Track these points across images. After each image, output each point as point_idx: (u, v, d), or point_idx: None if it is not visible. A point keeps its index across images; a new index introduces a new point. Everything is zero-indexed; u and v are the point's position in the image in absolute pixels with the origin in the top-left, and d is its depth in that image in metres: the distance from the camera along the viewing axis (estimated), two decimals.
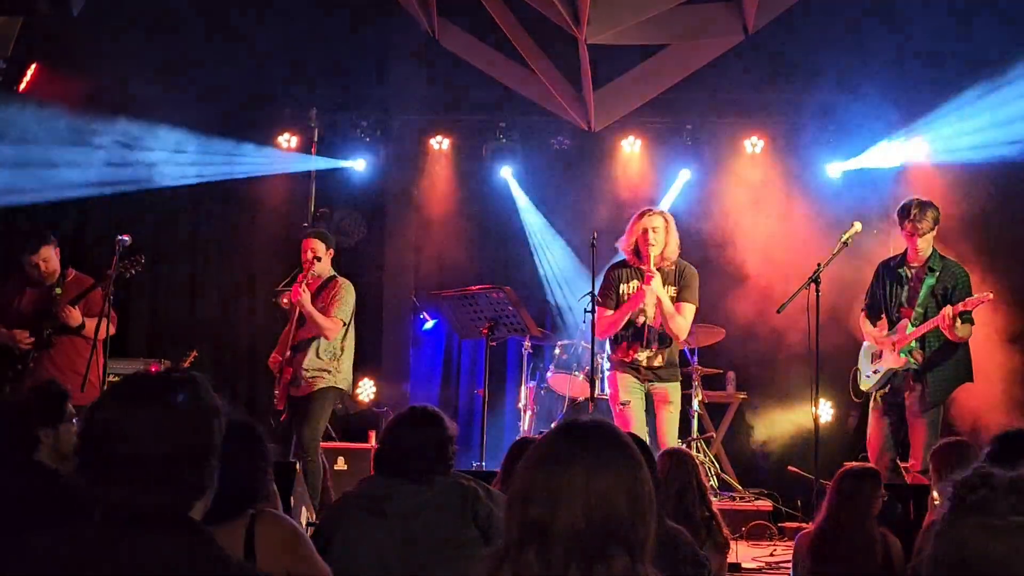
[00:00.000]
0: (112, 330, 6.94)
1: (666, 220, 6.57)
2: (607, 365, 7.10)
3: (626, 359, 6.53)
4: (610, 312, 6.58)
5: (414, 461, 3.59)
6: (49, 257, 7.02)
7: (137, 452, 1.93)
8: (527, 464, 1.97)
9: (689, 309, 6.56)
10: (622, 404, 6.51)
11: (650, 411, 6.54)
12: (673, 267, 6.62)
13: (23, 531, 2.09)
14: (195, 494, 2.00)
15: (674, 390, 6.57)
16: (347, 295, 7.03)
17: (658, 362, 6.52)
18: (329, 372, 6.97)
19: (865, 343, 6.80)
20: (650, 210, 6.63)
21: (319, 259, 6.99)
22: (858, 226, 6.71)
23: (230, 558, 2.00)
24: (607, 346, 6.96)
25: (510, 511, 1.94)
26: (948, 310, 6.19)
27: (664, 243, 6.50)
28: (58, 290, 7.01)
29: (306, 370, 6.92)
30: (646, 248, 6.44)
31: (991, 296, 6.31)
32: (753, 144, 9.67)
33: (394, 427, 3.71)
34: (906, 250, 6.65)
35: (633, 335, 6.51)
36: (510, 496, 1.96)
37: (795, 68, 9.09)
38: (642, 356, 6.49)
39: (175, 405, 1.99)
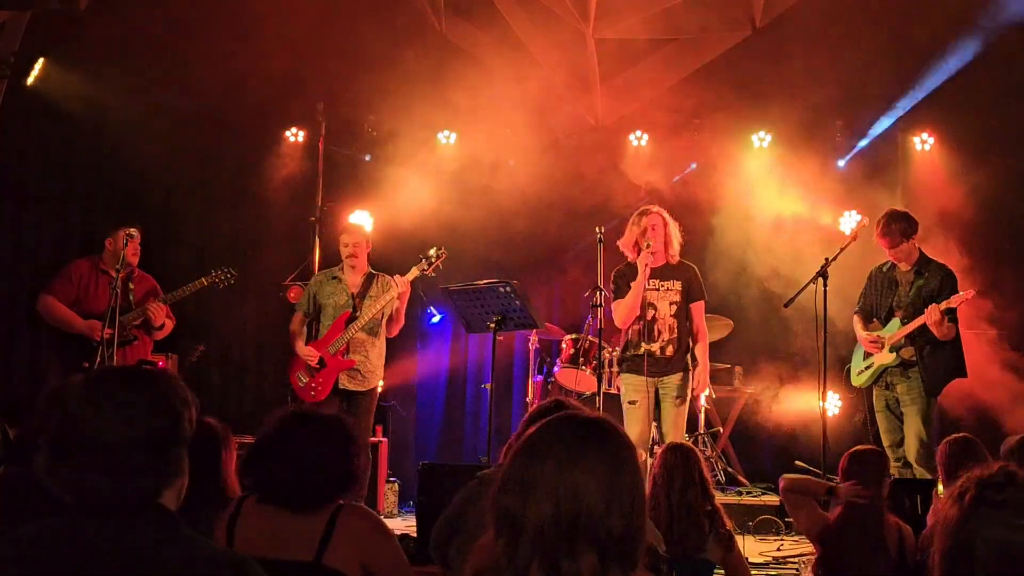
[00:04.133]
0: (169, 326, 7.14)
1: (664, 218, 6.73)
2: (615, 360, 7.21)
3: (637, 353, 6.57)
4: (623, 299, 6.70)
5: None
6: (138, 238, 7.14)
7: (106, 442, 1.97)
8: (511, 453, 1.95)
9: (700, 309, 6.78)
10: (630, 403, 6.59)
11: (659, 406, 6.59)
12: (678, 264, 6.77)
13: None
14: (164, 482, 2.03)
15: (680, 383, 6.60)
16: None
17: (669, 352, 6.59)
18: (379, 369, 7.19)
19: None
20: (648, 210, 6.78)
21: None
22: (865, 220, 6.75)
23: (202, 541, 2.02)
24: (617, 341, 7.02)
25: (490, 500, 1.91)
26: (934, 309, 6.36)
27: (665, 238, 6.66)
28: (131, 284, 7.09)
29: (364, 367, 7.06)
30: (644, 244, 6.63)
31: (972, 293, 6.54)
32: (760, 139, 9.66)
33: (538, 420, 3.71)
34: None
35: (643, 328, 6.58)
36: (494, 485, 1.94)
37: (802, 62, 9.07)
38: (655, 347, 6.57)
39: (144, 396, 2.02)
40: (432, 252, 7.16)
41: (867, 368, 6.80)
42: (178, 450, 2.06)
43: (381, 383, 7.33)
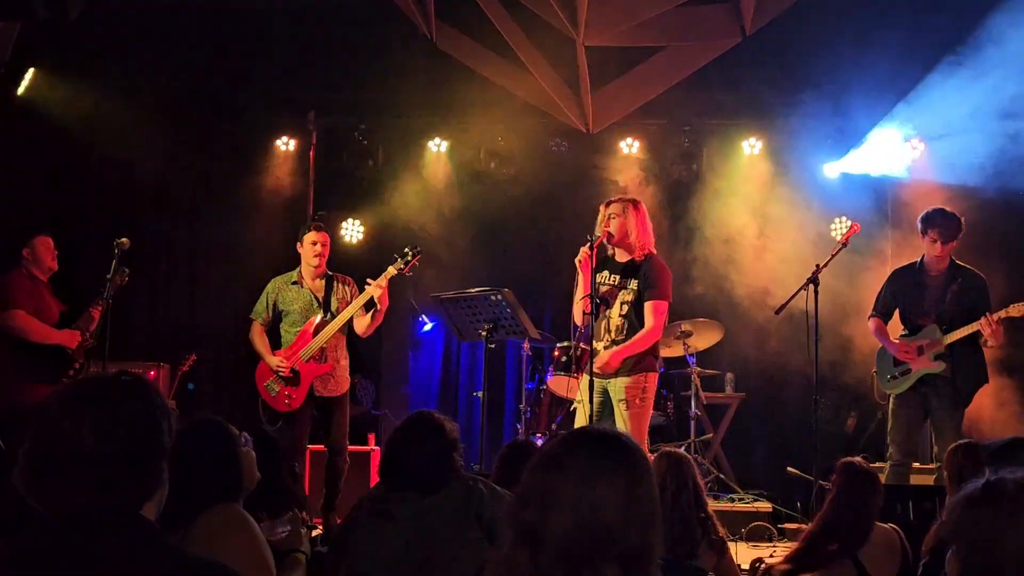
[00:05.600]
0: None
1: (625, 207, 6.30)
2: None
3: (581, 351, 6.42)
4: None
5: (415, 473, 3.63)
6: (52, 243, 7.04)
7: (85, 453, 1.94)
8: (529, 466, 1.97)
9: (651, 307, 6.20)
10: (578, 401, 6.36)
11: (609, 409, 6.26)
12: (642, 259, 6.32)
13: None
14: (145, 495, 2.02)
15: (621, 386, 6.15)
16: None
17: None
18: (347, 371, 7.17)
19: (883, 346, 6.77)
20: (610, 200, 6.40)
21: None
22: (856, 227, 6.73)
23: (183, 552, 2.02)
24: None
25: (508, 513, 1.95)
26: (991, 318, 6.20)
27: (623, 229, 6.25)
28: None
29: (337, 371, 7.06)
30: (605, 235, 6.25)
31: None
32: (751, 145, 9.67)
33: (393, 440, 3.74)
34: (922, 258, 6.64)
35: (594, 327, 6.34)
36: (512, 498, 1.97)
37: (793, 69, 9.10)
38: (599, 346, 6.26)
39: (122, 407, 2.00)
40: (408, 251, 7.06)
41: (903, 375, 6.55)
42: (158, 461, 2.05)
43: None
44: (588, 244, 6.15)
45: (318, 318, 7.03)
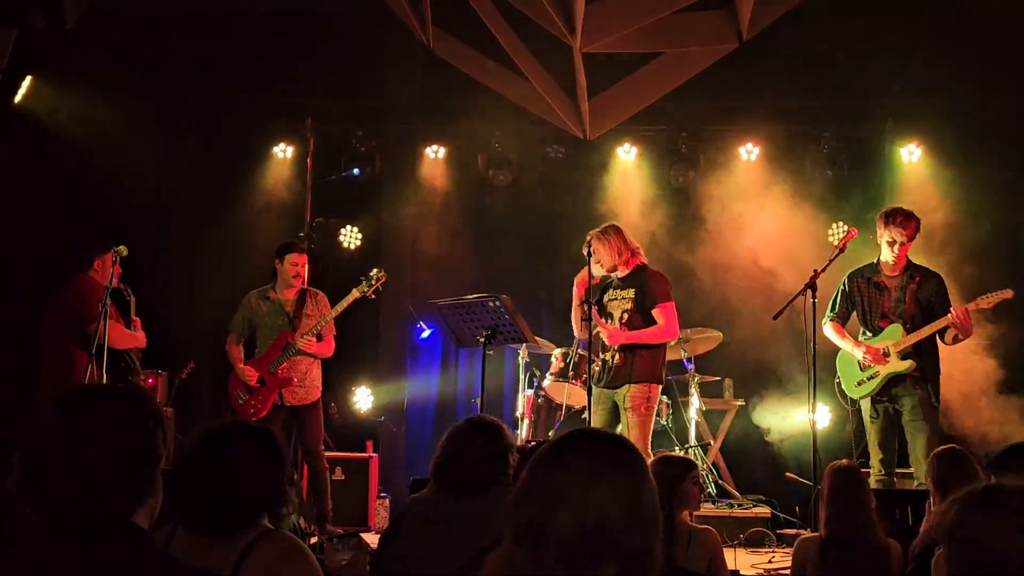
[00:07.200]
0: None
1: (601, 237, 6.60)
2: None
3: (594, 364, 6.59)
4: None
5: (468, 474, 3.62)
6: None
7: (79, 460, 1.95)
8: (531, 463, 1.96)
9: (660, 310, 6.52)
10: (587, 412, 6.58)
11: (616, 417, 6.55)
12: (635, 270, 6.64)
13: None
14: (136, 502, 2.02)
15: (629, 394, 6.43)
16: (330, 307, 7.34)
17: (618, 361, 6.47)
18: (319, 379, 7.32)
19: (844, 350, 6.75)
20: (588, 239, 6.64)
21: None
22: (854, 232, 6.73)
23: (175, 560, 2.02)
24: None
25: (507, 509, 1.93)
26: (960, 310, 6.19)
27: (603, 260, 6.58)
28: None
29: (304, 381, 7.18)
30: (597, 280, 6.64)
31: (1011, 293, 6.34)
32: (748, 151, 9.69)
33: (451, 439, 3.74)
34: (878, 259, 6.64)
35: (600, 339, 6.58)
36: (511, 495, 1.96)
37: (789, 74, 9.11)
38: (608, 356, 6.53)
39: (117, 414, 2.01)
40: (372, 274, 7.28)
41: (870, 378, 6.51)
42: (151, 469, 2.05)
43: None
44: (586, 303, 6.50)
45: (288, 331, 7.20)
